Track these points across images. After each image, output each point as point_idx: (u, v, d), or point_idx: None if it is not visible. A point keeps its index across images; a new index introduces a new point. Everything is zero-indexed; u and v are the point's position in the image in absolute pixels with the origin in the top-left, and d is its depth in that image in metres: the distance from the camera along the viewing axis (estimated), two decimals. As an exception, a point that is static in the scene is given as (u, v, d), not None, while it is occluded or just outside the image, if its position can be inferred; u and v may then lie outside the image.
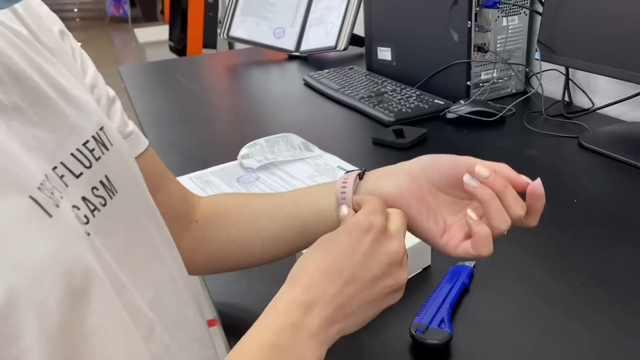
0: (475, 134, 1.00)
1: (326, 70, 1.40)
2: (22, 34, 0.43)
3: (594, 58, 0.93)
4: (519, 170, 0.49)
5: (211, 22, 2.81)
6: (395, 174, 0.50)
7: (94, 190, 0.40)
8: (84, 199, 0.39)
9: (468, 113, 1.02)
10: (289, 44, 1.65)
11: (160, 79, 1.57)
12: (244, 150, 0.95)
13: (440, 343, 0.50)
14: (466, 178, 0.46)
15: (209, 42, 2.82)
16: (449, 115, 1.04)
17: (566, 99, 1.09)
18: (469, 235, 0.48)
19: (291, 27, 1.65)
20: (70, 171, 0.39)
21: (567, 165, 0.88)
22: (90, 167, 0.40)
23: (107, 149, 0.43)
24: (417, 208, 0.48)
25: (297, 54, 1.63)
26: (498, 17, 1.09)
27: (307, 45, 1.61)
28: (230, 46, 3.20)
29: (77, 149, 0.40)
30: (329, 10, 1.57)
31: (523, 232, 0.69)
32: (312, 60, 1.62)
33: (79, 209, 0.38)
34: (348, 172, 0.53)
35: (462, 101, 1.05)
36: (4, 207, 0.32)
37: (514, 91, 1.17)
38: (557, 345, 0.52)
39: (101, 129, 0.43)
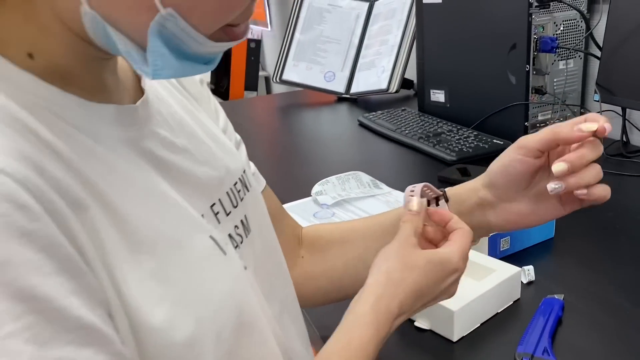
0: (538, 173, 1.03)
1: (379, 112, 1.45)
2: (173, 82, 0.48)
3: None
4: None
5: (253, 66, 2.92)
6: (488, 205, 0.52)
7: (236, 229, 0.44)
8: (230, 236, 0.43)
9: (529, 152, 1.06)
10: (339, 87, 1.72)
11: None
12: (317, 187, 0.99)
13: (547, 370, 0.53)
14: (550, 189, 0.48)
15: (250, 85, 2.92)
16: (511, 155, 1.07)
17: (623, 138, 1.12)
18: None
19: (341, 71, 1.72)
20: (224, 209, 0.43)
21: (638, 202, 0.90)
22: (236, 206, 0.45)
23: (248, 190, 0.47)
24: (529, 220, 0.52)
25: (346, 96, 1.69)
26: (555, 60, 1.14)
27: (357, 87, 1.68)
28: (268, 90, 3.31)
29: (230, 189, 0.45)
30: (379, 55, 1.64)
31: (608, 266, 0.71)
32: (361, 102, 1.68)
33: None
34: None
35: (522, 141, 1.09)
36: (193, 247, 0.36)
37: (569, 131, 1.21)
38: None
39: (244, 171, 0.48)
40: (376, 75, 1.63)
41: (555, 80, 1.15)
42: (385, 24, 1.65)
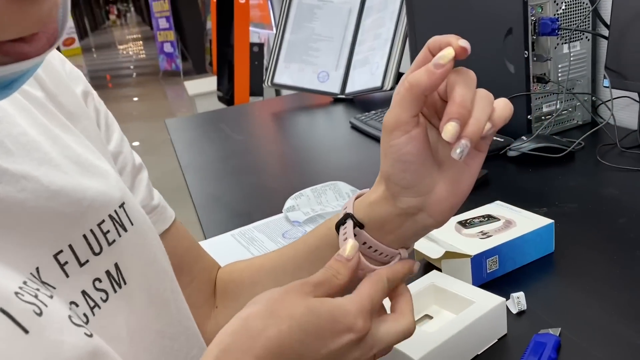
0: (542, 173, 0.90)
1: (373, 112, 1.34)
2: (36, 96, 0.38)
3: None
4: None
5: (257, 71, 2.84)
6: (416, 209, 0.40)
7: (96, 283, 0.34)
8: (84, 293, 0.33)
9: (532, 150, 0.93)
10: (334, 87, 1.61)
11: (206, 130, 1.56)
12: (289, 202, 0.89)
13: None
14: (457, 156, 0.36)
15: (256, 90, 2.84)
16: (511, 154, 0.95)
17: (642, 127, 0.98)
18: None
19: (335, 70, 1.62)
20: (76, 257, 0.33)
21: (655, 204, 0.77)
22: (98, 254, 0.35)
23: (126, 230, 0.37)
24: (462, 189, 0.40)
25: (342, 96, 1.59)
26: (558, 44, 1.01)
27: (353, 87, 1.57)
28: (277, 93, 3.22)
29: (91, 230, 0.35)
30: (373, 51, 1.53)
31: (619, 289, 0.59)
32: (358, 102, 1.58)
33: (77, 306, 0.32)
34: (340, 220, 0.44)
35: (524, 137, 0.96)
36: None
37: (580, 122, 1.07)
38: None
39: (121, 205, 0.38)
40: (370, 72, 1.51)
41: (559, 66, 1.02)
42: (378, 17, 1.54)
